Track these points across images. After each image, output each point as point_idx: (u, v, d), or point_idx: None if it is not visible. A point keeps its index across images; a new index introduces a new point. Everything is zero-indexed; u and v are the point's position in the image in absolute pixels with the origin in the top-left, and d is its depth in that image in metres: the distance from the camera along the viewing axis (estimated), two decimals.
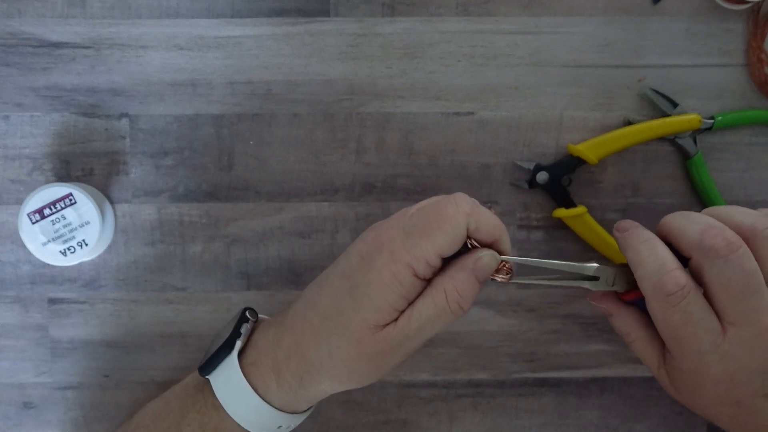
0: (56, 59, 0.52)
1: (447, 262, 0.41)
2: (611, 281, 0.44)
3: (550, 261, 0.44)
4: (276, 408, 0.43)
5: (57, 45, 0.52)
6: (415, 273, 0.40)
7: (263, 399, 0.43)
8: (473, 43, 0.53)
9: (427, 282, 0.41)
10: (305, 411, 0.46)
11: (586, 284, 0.44)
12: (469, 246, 0.41)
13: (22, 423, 0.54)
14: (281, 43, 0.52)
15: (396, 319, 0.40)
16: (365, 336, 0.40)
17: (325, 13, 0.52)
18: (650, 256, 0.41)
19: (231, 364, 0.43)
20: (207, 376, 0.44)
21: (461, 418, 0.55)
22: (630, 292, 0.44)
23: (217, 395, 0.43)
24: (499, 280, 0.42)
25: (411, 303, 0.41)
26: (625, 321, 0.45)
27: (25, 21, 0.52)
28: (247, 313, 0.46)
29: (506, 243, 0.42)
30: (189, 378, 0.47)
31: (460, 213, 0.40)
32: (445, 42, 0.53)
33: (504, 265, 0.42)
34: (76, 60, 0.52)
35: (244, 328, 0.45)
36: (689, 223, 0.41)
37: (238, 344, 0.44)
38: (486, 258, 0.41)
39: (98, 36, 0.52)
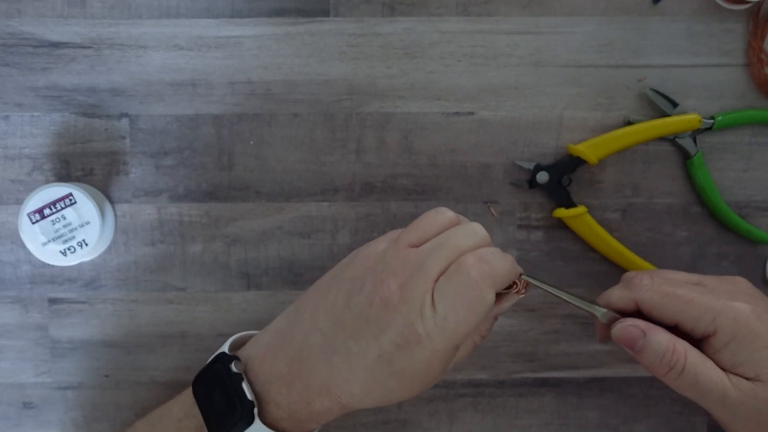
0: (56, 59, 0.52)
1: None
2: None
3: (562, 292, 0.45)
4: None
5: (57, 45, 0.52)
6: (457, 347, 0.41)
7: None
8: (473, 43, 0.53)
9: None
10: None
11: (596, 310, 0.45)
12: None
13: (22, 423, 0.54)
14: (281, 43, 0.52)
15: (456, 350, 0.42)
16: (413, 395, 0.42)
17: (325, 13, 0.52)
18: (613, 288, 0.46)
19: (257, 429, 0.42)
20: None
21: (461, 418, 0.55)
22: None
23: None
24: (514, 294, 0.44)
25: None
26: (662, 335, 0.43)
27: (25, 21, 0.52)
28: (233, 367, 0.43)
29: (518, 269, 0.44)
30: (180, 413, 0.45)
31: (486, 294, 0.40)
32: (445, 42, 0.53)
33: (518, 285, 0.44)
34: (76, 60, 0.52)
35: (248, 391, 0.42)
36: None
37: (256, 411, 0.42)
38: (507, 305, 0.44)
39: (98, 36, 0.52)
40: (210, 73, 0.52)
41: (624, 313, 0.45)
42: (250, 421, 0.41)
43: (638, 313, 0.44)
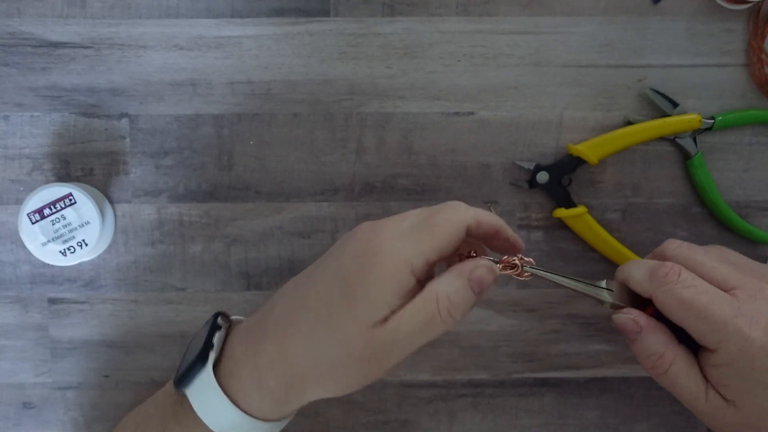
0: (56, 59, 0.52)
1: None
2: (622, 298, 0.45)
3: (563, 277, 0.44)
4: (257, 418, 0.42)
5: (57, 45, 0.52)
6: (413, 270, 0.39)
7: (244, 410, 0.41)
8: (473, 43, 0.53)
9: (420, 286, 0.40)
10: (285, 418, 0.44)
11: (603, 293, 0.45)
12: (467, 257, 0.42)
13: (22, 423, 0.54)
14: (281, 43, 0.52)
15: (386, 320, 0.39)
16: (356, 337, 0.39)
17: (325, 13, 0.52)
18: (636, 264, 0.45)
19: (206, 377, 0.42)
20: (184, 389, 0.43)
21: (461, 418, 0.55)
22: (644, 310, 0.44)
23: (195, 409, 0.42)
24: (509, 274, 0.43)
25: (402, 306, 0.39)
26: (658, 337, 0.43)
27: (24, 21, 0.52)
28: (219, 320, 0.45)
29: (507, 230, 0.42)
30: (168, 386, 0.46)
31: (458, 213, 0.41)
32: (445, 42, 0.53)
33: (510, 261, 0.43)
34: (75, 60, 0.52)
35: (217, 338, 0.43)
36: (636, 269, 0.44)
37: (212, 356, 0.42)
38: (482, 269, 0.40)
39: (98, 36, 0.52)
40: (210, 73, 0.52)
41: (637, 296, 0.44)
42: (204, 364, 0.42)
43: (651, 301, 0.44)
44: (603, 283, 0.45)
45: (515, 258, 0.43)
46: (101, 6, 0.52)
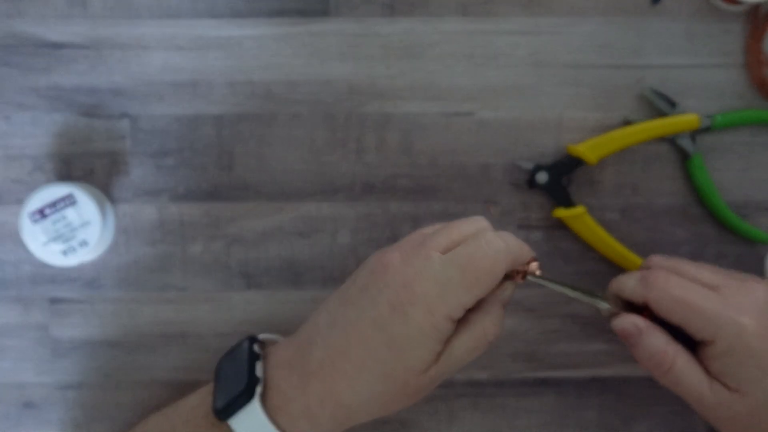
0: (57, 59, 0.52)
1: None
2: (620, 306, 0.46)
3: (564, 287, 0.46)
4: None
5: (58, 45, 0.52)
6: (453, 321, 0.41)
7: None
8: (473, 43, 0.53)
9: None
10: None
11: (601, 303, 0.46)
12: None
13: (22, 423, 0.54)
14: (281, 43, 0.53)
15: (437, 359, 0.42)
16: (412, 380, 0.41)
17: (325, 13, 0.53)
18: (627, 276, 0.46)
19: (254, 410, 0.42)
20: (227, 420, 0.43)
21: (461, 418, 0.55)
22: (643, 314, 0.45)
23: None
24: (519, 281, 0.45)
25: (448, 341, 0.42)
26: (658, 336, 0.44)
27: (25, 21, 0.52)
28: (255, 348, 0.45)
29: (530, 253, 0.45)
30: (195, 401, 0.46)
31: (498, 266, 0.41)
32: (445, 42, 0.53)
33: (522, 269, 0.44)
34: (76, 60, 0.52)
35: (259, 370, 0.44)
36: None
37: (258, 390, 0.43)
38: (510, 290, 0.44)
39: (99, 36, 0.52)
40: (210, 73, 0.53)
41: (633, 304, 0.46)
42: (250, 397, 0.42)
43: (647, 306, 0.45)
44: (600, 293, 0.46)
45: (535, 263, 0.45)
46: (102, 6, 0.52)
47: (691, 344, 0.44)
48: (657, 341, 0.44)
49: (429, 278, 0.41)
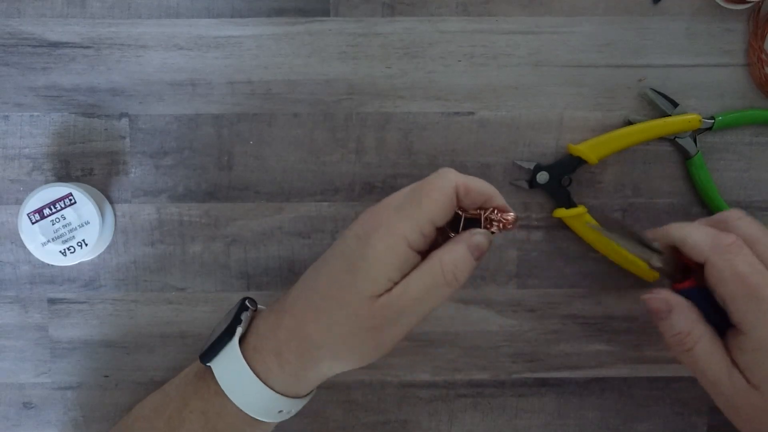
0: (56, 59, 0.52)
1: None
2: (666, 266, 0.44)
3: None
4: (278, 392, 0.44)
5: (57, 45, 0.52)
6: (409, 244, 0.41)
7: (265, 384, 0.43)
8: (473, 43, 0.53)
9: (422, 257, 0.42)
10: (305, 396, 0.46)
11: (653, 257, 0.44)
12: (461, 218, 0.43)
13: (22, 423, 0.54)
14: (281, 43, 0.52)
15: (391, 289, 0.41)
16: (362, 308, 0.41)
17: (325, 13, 0.52)
18: (696, 227, 0.43)
19: (232, 350, 0.44)
20: (208, 364, 0.45)
21: (461, 418, 0.55)
22: (683, 281, 0.44)
23: (219, 381, 0.44)
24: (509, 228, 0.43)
25: (406, 275, 0.42)
26: (686, 316, 0.43)
27: (24, 21, 0.52)
28: (246, 302, 0.46)
29: (498, 198, 0.43)
30: (189, 368, 0.48)
31: (446, 180, 0.42)
32: (445, 42, 0.53)
33: (502, 217, 0.43)
34: (75, 60, 0.52)
35: (245, 316, 0.45)
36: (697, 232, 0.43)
37: (239, 330, 0.44)
38: (480, 235, 0.42)
39: (98, 36, 0.52)
40: (210, 73, 0.52)
41: (683, 259, 0.44)
42: (231, 338, 0.44)
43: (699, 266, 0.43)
44: (655, 245, 0.44)
45: (510, 215, 0.43)
46: (101, 6, 0.52)
47: (722, 327, 0.43)
48: (684, 320, 0.43)
49: (390, 205, 0.42)
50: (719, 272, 0.42)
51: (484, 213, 0.43)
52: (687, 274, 0.44)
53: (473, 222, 0.43)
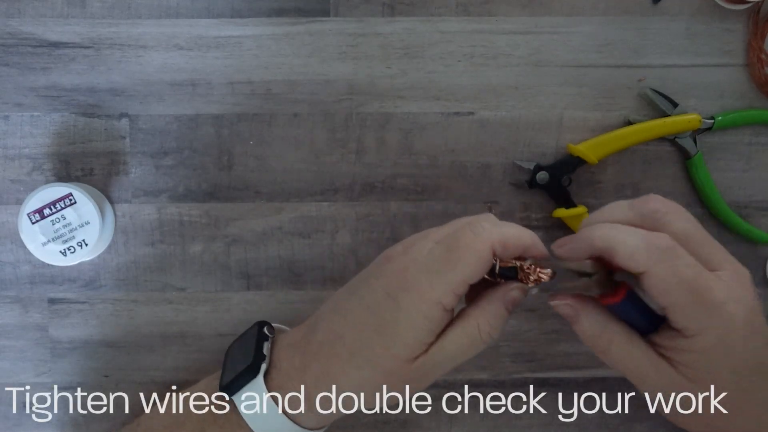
0: (56, 59, 0.52)
1: (475, 288, 0.42)
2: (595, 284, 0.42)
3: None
4: (303, 428, 0.44)
5: (57, 45, 0.52)
6: (444, 308, 0.40)
7: (294, 422, 0.44)
8: (473, 43, 0.53)
9: (453, 310, 0.42)
10: (325, 426, 0.47)
11: (592, 286, 0.42)
12: (497, 272, 0.42)
13: (22, 423, 0.54)
14: (281, 43, 0.52)
15: (427, 351, 0.41)
16: (397, 369, 0.41)
17: (325, 13, 0.52)
18: (623, 231, 0.39)
19: (258, 386, 0.43)
20: (232, 396, 0.44)
21: (461, 418, 0.55)
22: (610, 296, 0.41)
23: (244, 417, 0.44)
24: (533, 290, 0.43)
25: (441, 333, 0.41)
26: (595, 318, 0.41)
27: (24, 21, 0.52)
28: (265, 330, 0.46)
29: (537, 247, 0.42)
30: (201, 387, 0.47)
31: (481, 241, 0.40)
32: (445, 42, 0.53)
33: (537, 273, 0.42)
34: (75, 60, 0.52)
35: (266, 349, 0.45)
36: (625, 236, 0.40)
37: (263, 367, 0.44)
38: (516, 292, 0.42)
39: (98, 36, 0.52)
40: (210, 73, 0.52)
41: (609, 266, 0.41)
42: (256, 374, 0.43)
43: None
44: (586, 267, 0.41)
45: (547, 271, 0.42)
46: (101, 6, 0.52)
47: (654, 324, 0.41)
48: (594, 323, 0.41)
49: (421, 264, 0.41)
50: (662, 282, 0.38)
51: (521, 265, 0.42)
52: (609, 292, 0.41)
53: (508, 269, 0.42)
